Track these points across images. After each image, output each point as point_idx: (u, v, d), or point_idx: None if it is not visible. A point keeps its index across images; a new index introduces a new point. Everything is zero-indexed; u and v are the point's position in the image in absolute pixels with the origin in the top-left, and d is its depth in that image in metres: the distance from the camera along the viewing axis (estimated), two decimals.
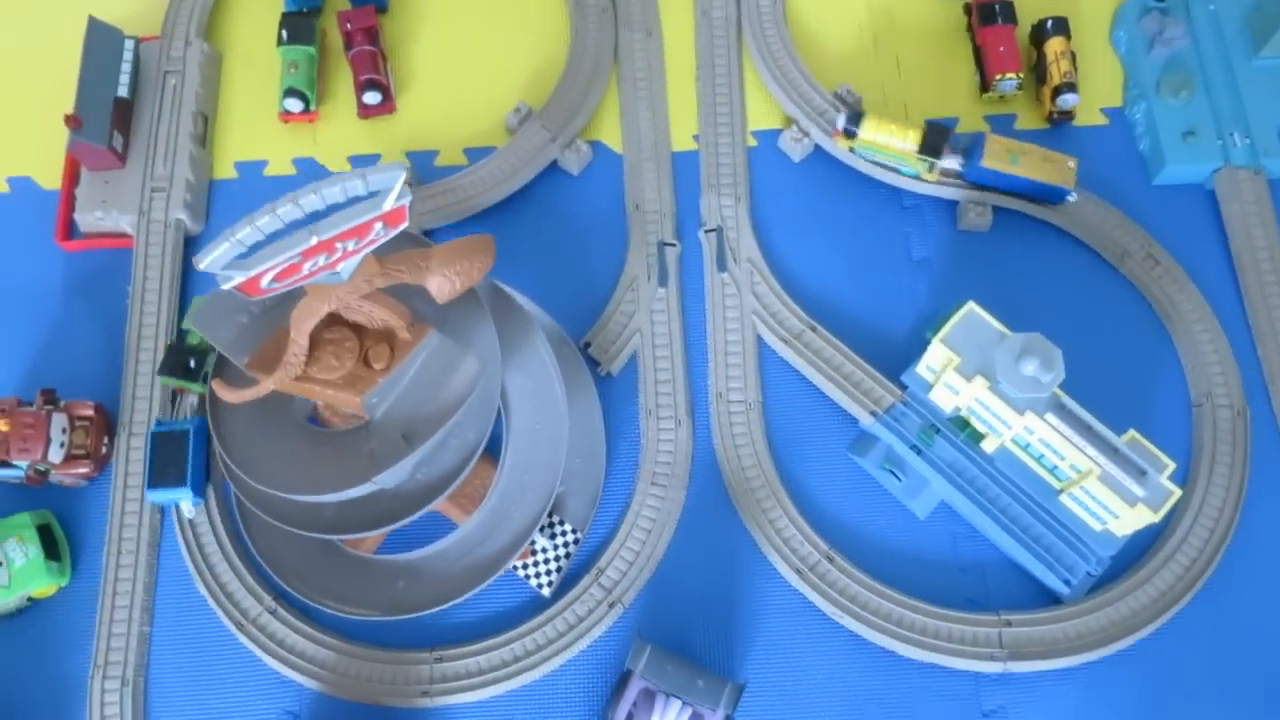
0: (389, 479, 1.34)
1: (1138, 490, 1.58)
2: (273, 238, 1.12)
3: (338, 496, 1.33)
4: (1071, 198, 1.85)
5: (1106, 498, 1.61)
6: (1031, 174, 1.84)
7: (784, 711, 1.69)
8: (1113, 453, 1.60)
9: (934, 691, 1.68)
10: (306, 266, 1.17)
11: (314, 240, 1.13)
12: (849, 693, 1.69)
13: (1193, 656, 1.69)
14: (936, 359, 1.71)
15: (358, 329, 1.35)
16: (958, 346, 1.68)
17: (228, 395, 1.32)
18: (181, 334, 1.86)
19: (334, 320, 1.34)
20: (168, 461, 1.70)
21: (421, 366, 1.36)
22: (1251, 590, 1.72)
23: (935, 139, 1.86)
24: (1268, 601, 1.72)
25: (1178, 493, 1.59)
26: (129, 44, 2.02)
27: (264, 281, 1.16)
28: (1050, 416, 1.62)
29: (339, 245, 1.17)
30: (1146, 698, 1.67)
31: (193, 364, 1.78)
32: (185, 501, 1.73)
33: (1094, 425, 1.63)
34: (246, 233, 1.10)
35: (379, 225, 1.18)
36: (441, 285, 1.31)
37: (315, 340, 1.32)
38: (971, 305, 1.70)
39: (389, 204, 1.16)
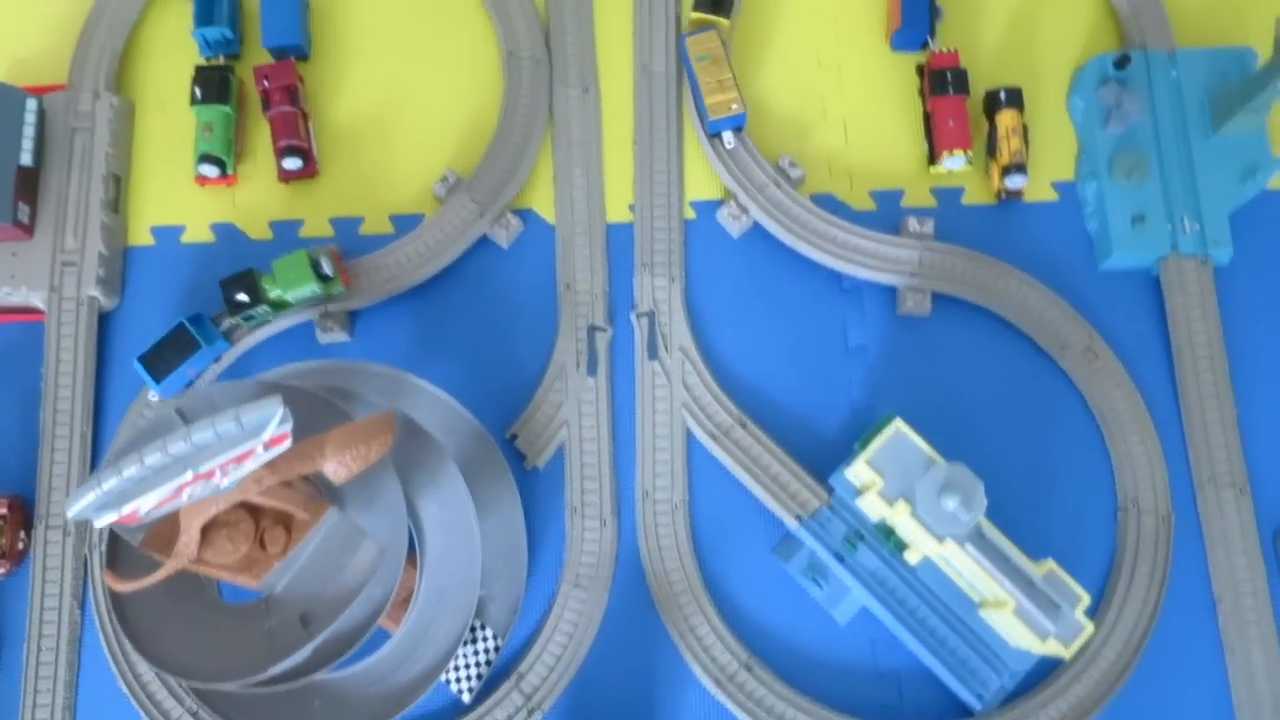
0: (288, 665, 1.33)
1: (1049, 625, 1.59)
2: (146, 478, 1.08)
3: (250, 681, 1.32)
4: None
5: (1019, 632, 1.61)
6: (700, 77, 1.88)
7: None
8: (1028, 586, 1.60)
9: None
10: (185, 495, 1.13)
11: (189, 475, 1.09)
12: None
13: None
14: (862, 477, 1.69)
15: (254, 509, 1.31)
16: (882, 468, 1.65)
17: (120, 586, 1.29)
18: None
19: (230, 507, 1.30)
20: (167, 355, 1.77)
21: (320, 545, 1.33)
22: (1161, 705, 1.75)
23: None
24: (1175, 716, 1.74)
25: (1089, 629, 1.60)
26: (31, 104, 1.90)
27: (142, 513, 1.12)
28: (969, 547, 1.62)
29: (218, 471, 1.13)
30: None
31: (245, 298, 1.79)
32: (154, 391, 1.81)
33: (1011, 557, 1.62)
34: (113, 484, 1.06)
35: (260, 449, 1.14)
36: (338, 470, 1.27)
37: (210, 523, 1.29)
38: (898, 424, 1.67)
39: (269, 433, 1.11)
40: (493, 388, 1.86)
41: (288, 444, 1.16)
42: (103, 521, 1.10)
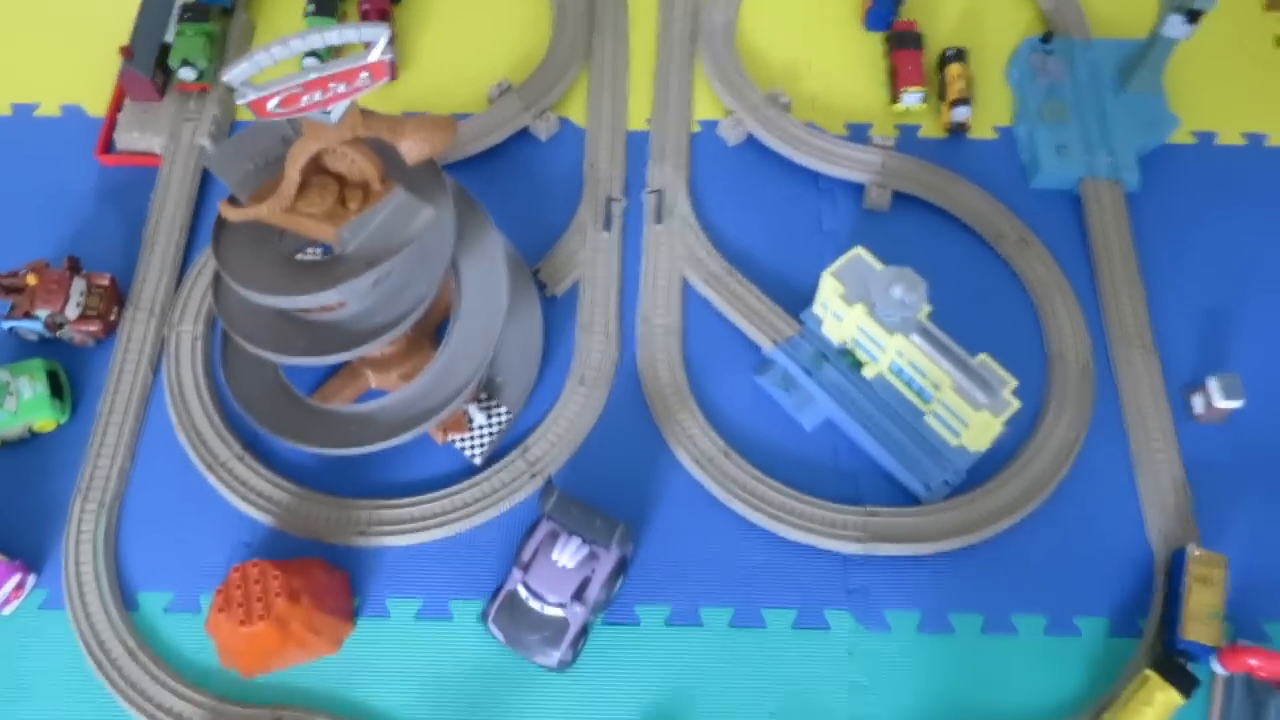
0: (352, 293, 1.64)
1: (982, 398, 1.88)
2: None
3: (309, 300, 1.62)
4: None
5: (957, 406, 1.90)
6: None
7: (675, 582, 1.93)
8: (964, 368, 1.90)
9: (807, 568, 1.93)
10: (304, 99, 1.50)
11: (312, 75, 1.47)
12: (733, 567, 1.94)
13: (1028, 556, 1.94)
14: (826, 290, 2.02)
15: (339, 179, 1.66)
16: (844, 280, 1.99)
17: (232, 214, 1.63)
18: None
19: (320, 169, 1.66)
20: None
21: (389, 215, 1.67)
22: (1078, 510, 1.99)
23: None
24: (1092, 521, 1.98)
25: (1016, 404, 1.88)
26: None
27: (270, 105, 1.48)
28: (915, 338, 1.93)
29: (331, 85, 1.50)
30: (986, 584, 1.92)
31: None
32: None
33: (950, 346, 1.93)
34: (261, 55, 1.43)
35: (365, 74, 1.52)
36: (411, 148, 1.63)
37: (304, 182, 1.64)
38: (858, 249, 2.03)
39: (374, 56, 1.50)
40: (521, 238, 2.22)
41: (387, 79, 1.53)
42: (244, 99, 1.46)
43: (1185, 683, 1.74)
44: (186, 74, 2.33)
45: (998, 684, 1.86)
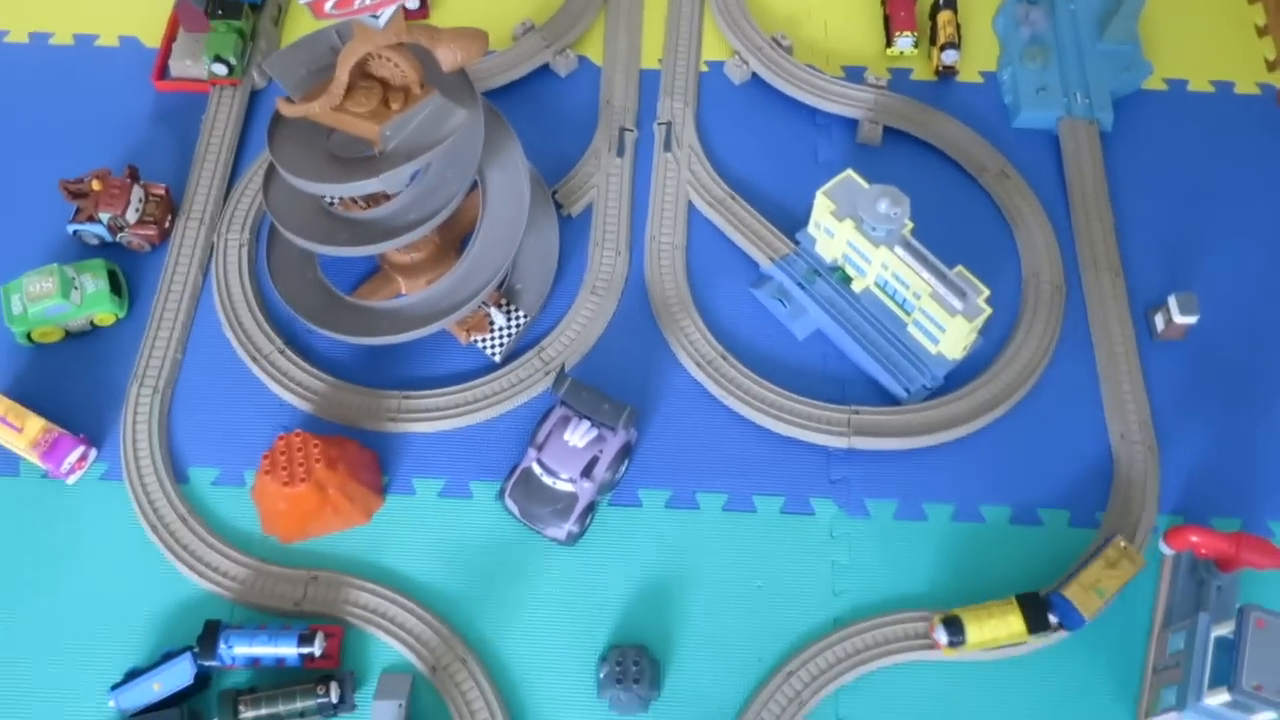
0: (393, 183, 1.83)
1: (957, 304, 2.06)
2: None
3: (354, 187, 1.82)
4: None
5: (935, 312, 2.08)
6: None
7: (675, 470, 2.12)
8: (942, 277, 2.09)
9: (794, 461, 2.12)
10: (356, 2, 1.69)
11: None
12: (729, 460, 2.12)
13: (998, 454, 2.13)
14: (819, 208, 2.20)
15: (382, 83, 1.86)
16: (835, 198, 2.18)
17: (288, 109, 1.83)
18: None
19: (365, 75, 1.85)
20: None
21: (426, 115, 1.86)
22: (1045, 415, 2.17)
23: (1036, 613, 1.87)
24: (1057, 425, 2.16)
25: (988, 310, 2.06)
26: None
27: (327, 6, 1.67)
28: (899, 249, 2.11)
29: None
30: (958, 478, 2.11)
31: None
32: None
33: (929, 258, 2.11)
34: None
35: None
36: (446, 55, 1.82)
37: (351, 85, 1.83)
38: (849, 171, 2.21)
39: None
40: (539, 162, 2.40)
41: None
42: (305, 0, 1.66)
43: (1037, 622, 1.84)
44: (219, 69, 2.43)
45: (966, 566, 2.04)
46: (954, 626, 1.86)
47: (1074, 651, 1.94)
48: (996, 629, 1.86)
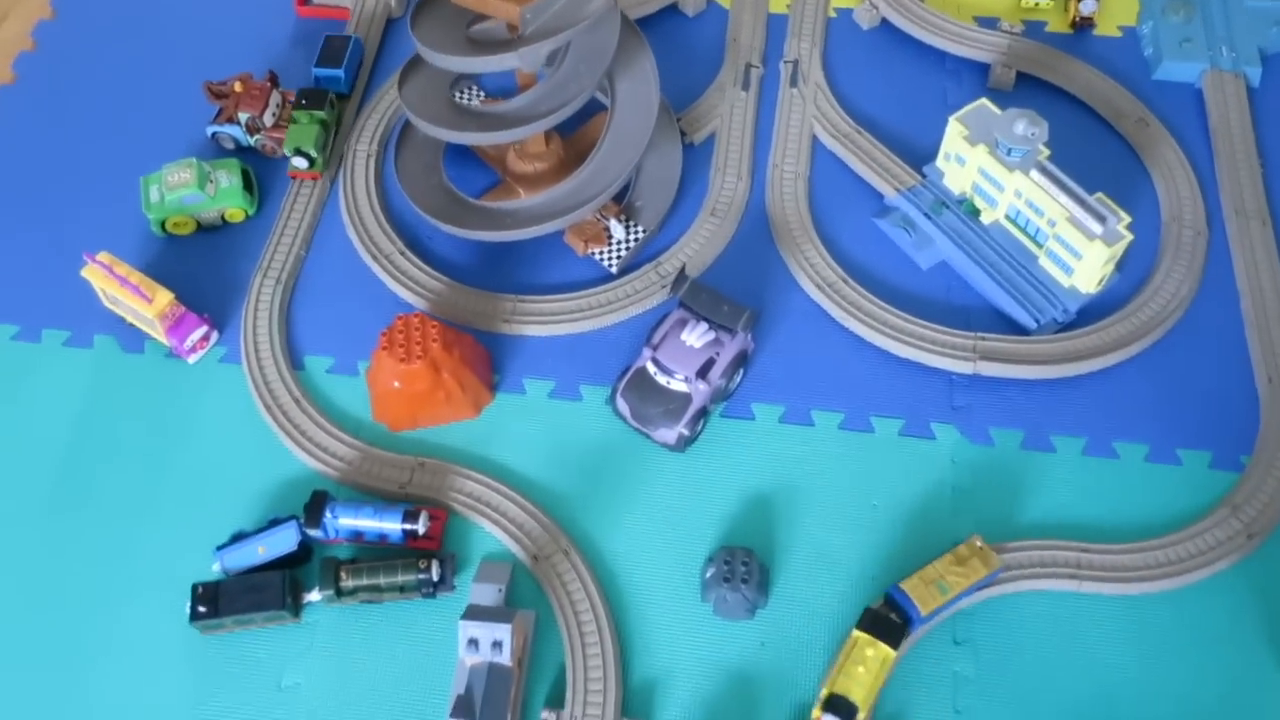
0: (530, 59, 1.85)
1: (1096, 228, 1.98)
2: None
3: (492, 62, 1.84)
4: None
5: (1072, 238, 2.00)
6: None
7: (790, 386, 2.06)
8: (1080, 201, 2.01)
9: (915, 384, 2.04)
10: None
11: None
12: (846, 381, 2.06)
13: (1135, 391, 2.02)
14: (951, 134, 2.15)
15: None
16: (968, 124, 2.13)
17: None
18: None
19: None
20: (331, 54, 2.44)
21: (566, 3, 1.88)
22: (1186, 355, 2.06)
23: (887, 628, 1.71)
24: (1198, 366, 2.05)
25: (1129, 236, 1.98)
26: None
27: None
28: (1035, 173, 2.05)
29: None
30: (1090, 413, 2.00)
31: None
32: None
33: (1068, 182, 2.04)
34: None
35: None
36: None
37: None
38: (983, 100, 2.16)
39: None
40: (665, 94, 2.41)
41: None
42: None
43: (894, 635, 1.69)
44: (299, 163, 2.28)
45: (1094, 500, 1.93)
46: (841, 707, 1.65)
47: (1224, 590, 1.81)
48: (873, 674, 1.67)
